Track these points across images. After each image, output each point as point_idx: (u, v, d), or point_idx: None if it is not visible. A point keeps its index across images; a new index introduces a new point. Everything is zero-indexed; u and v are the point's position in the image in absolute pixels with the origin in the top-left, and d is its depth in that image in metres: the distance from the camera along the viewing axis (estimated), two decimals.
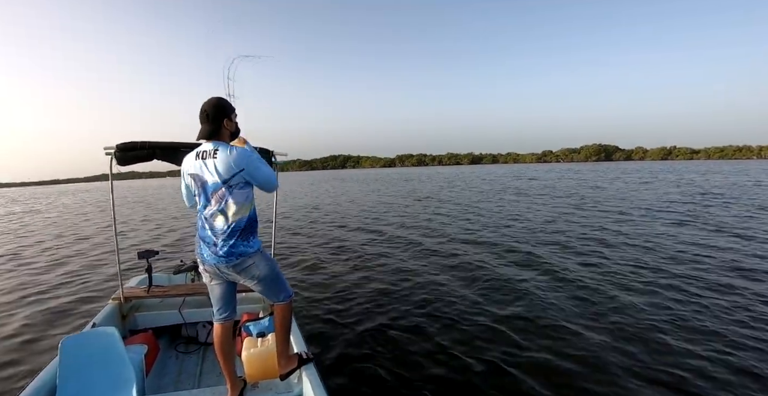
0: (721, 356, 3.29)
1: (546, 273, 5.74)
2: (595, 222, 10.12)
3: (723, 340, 3.57)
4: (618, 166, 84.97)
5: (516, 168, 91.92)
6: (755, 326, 3.79)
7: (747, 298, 4.48)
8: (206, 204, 2.14)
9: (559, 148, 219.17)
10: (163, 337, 3.47)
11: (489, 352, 3.50)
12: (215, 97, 2.20)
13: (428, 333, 3.94)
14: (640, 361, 3.28)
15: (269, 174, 2.19)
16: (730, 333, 3.68)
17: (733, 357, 3.27)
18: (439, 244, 8.10)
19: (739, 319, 3.95)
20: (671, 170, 42.44)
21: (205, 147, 2.15)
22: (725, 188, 18.72)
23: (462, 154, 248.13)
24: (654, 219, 10.27)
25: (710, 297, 4.56)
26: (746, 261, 5.95)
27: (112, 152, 2.84)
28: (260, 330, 2.83)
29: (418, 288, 5.30)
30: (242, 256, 2.14)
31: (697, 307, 4.30)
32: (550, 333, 3.83)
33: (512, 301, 4.71)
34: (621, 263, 6.09)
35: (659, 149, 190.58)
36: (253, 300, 3.53)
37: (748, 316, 4.03)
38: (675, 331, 3.76)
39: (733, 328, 3.79)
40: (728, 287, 4.84)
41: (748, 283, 4.95)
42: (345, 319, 4.33)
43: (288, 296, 2.38)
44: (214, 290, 2.33)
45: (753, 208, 11.79)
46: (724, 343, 3.51)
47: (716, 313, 4.11)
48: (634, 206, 12.95)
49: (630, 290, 4.89)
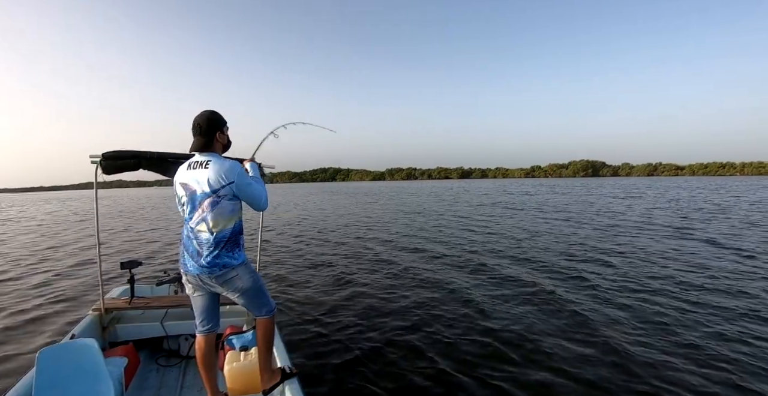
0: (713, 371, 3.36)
1: (536, 291, 5.79)
2: (594, 238, 10.24)
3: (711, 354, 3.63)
4: (606, 181, 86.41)
5: (507, 182, 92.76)
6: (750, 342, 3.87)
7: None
8: (192, 214, 2.15)
9: (547, 164, 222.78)
10: (144, 349, 3.41)
11: (478, 369, 3.50)
12: (208, 111, 2.25)
13: (415, 348, 3.92)
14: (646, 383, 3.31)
15: (259, 192, 2.20)
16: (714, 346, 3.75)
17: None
18: (427, 260, 8.13)
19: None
20: (662, 186, 43.12)
21: (197, 158, 2.19)
22: (728, 205, 19.14)
23: (451, 169, 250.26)
24: (657, 233, 10.44)
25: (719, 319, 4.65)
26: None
27: (98, 161, 2.80)
28: (243, 343, 2.81)
29: (405, 303, 5.29)
30: (226, 268, 2.14)
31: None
32: (541, 351, 3.84)
33: (501, 315, 4.72)
34: (623, 280, 6.16)
35: (645, 165, 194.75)
36: (237, 313, 3.49)
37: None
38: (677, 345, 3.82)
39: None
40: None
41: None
42: (330, 334, 4.30)
43: (271, 310, 2.38)
44: (197, 302, 2.32)
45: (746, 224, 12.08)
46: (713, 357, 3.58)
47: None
48: (644, 222, 13.15)
49: (641, 320, 4.66)
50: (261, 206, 2.24)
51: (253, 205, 2.23)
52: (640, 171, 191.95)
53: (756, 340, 3.89)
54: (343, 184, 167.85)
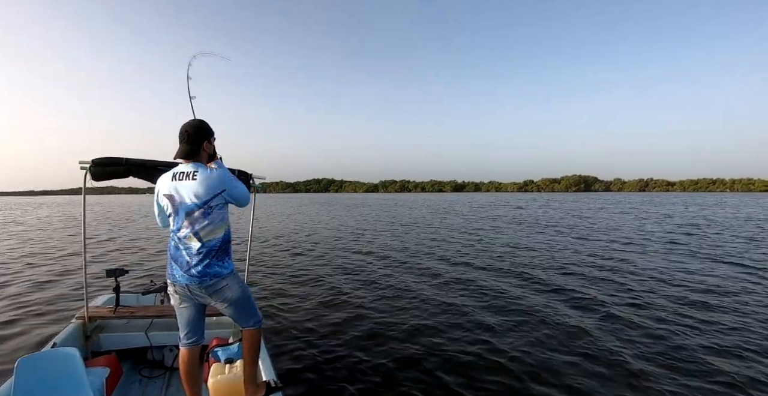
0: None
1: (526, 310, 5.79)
2: (590, 252, 10.29)
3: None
4: (599, 196, 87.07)
5: (502, 197, 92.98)
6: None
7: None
8: (180, 225, 2.14)
9: (540, 178, 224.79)
10: (128, 360, 3.35)
11: (472, 382, 3.48)
12: (197, 119, 2.26)
13: (405, 363, 3.88)
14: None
15: (243, 190, 2.29)
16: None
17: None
18: (421, 274, 8.10)
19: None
20: (665, 202, 43.42)
21: (183, 168, 2.17)
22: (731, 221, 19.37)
23: (445, 182, 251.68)
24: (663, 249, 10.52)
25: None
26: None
27: (87, 167, 2.77)
28: (229, 356, 2.78)
29: (396, 318, 5.24)
30: (216, 277, 2.14)
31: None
32: (545, 368, 3.82)
33: (494, 329, 4.71)
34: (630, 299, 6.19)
35: (637, 181, 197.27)
36: (223, 324, 3.45)
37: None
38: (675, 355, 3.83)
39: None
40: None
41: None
42: (316, 347, 4.25)
43: (258, 321, 2.36)
44: (183, 313, 2.29)
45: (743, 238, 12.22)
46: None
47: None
48: (644, 237, 13.24)
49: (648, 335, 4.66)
50: (246, 203, 2.34)
51: (241, 204, 2.32)
52: (631, 186, 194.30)
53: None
54: (336, 195, 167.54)
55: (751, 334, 4.57)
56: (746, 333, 4.60)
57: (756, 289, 6.56)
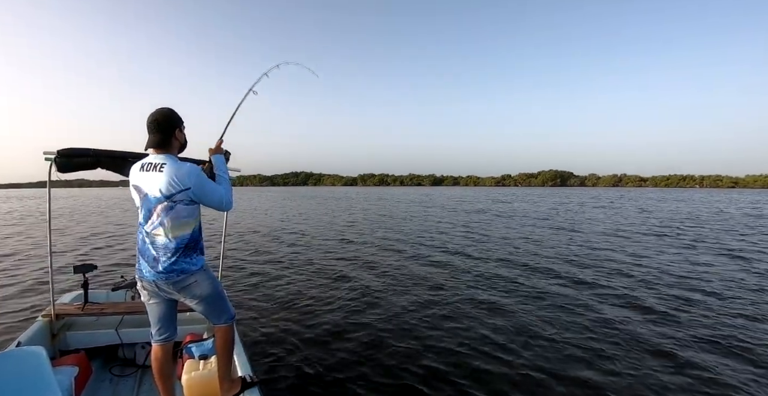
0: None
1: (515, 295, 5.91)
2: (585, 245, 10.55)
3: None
4: (574, 191, 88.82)
5: (485, 191, 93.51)
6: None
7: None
8: (147, 218, 2.07)
9: (517, 173, 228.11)
10: (97, 358, 3.27)
11: (449, 377, 3.52)
12: (166, 108, 2.14)
13: (381, 356, 3.91)
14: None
15: (219, 195, 2.12)
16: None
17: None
18: (400, 267, 8.16)
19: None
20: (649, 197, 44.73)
21: (151, 159, 2.08)
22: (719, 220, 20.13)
23: (423, 176, 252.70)
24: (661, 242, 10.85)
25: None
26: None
27: (52, 158, 2.65)
28: (203, 352, 2.76)
29: (373, 310, 5.29)
30: (183, 274, 2.08)
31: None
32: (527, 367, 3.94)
33: (475, 324, 4.80)
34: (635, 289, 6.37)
35: (611, 176, 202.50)
36: (197, 320, 3.40)
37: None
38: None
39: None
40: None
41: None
42: (292, 341, 4.25)
43: (230, 318, 2.33)
44: (153, 309, 2.25)
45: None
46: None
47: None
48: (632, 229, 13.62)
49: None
50: (223, 208, 2.17)
51: (218, 209, 2.16)
52: (606, 182, 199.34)
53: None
54: (315, 188, 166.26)
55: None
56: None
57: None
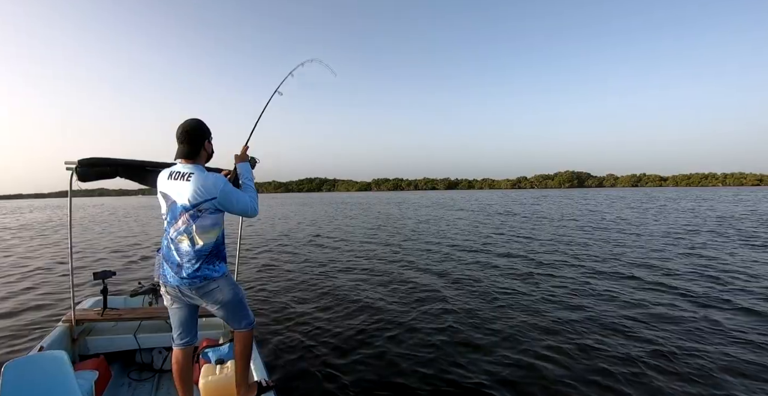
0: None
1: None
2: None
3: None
4: (599, 192, 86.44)
5: (503, 194, 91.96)
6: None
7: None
8: (173, 224, 2.11)
9: (533, 175, 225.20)
10: (116, 362, 3.31)
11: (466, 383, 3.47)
12: (195, 119, 2.18)
13: (396, 364, 3.85)
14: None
15: (246, 202, 2.16)
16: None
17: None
18: (417, 273, 8.11)
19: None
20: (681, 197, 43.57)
21: (180, 168, 2.12)
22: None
23: (438, 179, 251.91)
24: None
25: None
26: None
27: (74, 167, 2.71)
28: (219, 357, 2.77)
29: (392, 317, 5.24)
30: (206, 280, 2.11)
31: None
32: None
33: (497, 335, 4.70)
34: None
35: (630, 176, 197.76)
36: (213, 326, 3.43)
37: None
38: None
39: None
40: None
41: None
42: (308, 346, 4.24)
43: (250, 323, 2.34)
44: (175, 314, 2.28)
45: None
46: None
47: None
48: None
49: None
50: (249, 215, 2.21)
51: (244, 216, 2.23)
52: (624, 182, 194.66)
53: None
54: (330, 194, 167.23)
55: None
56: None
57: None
